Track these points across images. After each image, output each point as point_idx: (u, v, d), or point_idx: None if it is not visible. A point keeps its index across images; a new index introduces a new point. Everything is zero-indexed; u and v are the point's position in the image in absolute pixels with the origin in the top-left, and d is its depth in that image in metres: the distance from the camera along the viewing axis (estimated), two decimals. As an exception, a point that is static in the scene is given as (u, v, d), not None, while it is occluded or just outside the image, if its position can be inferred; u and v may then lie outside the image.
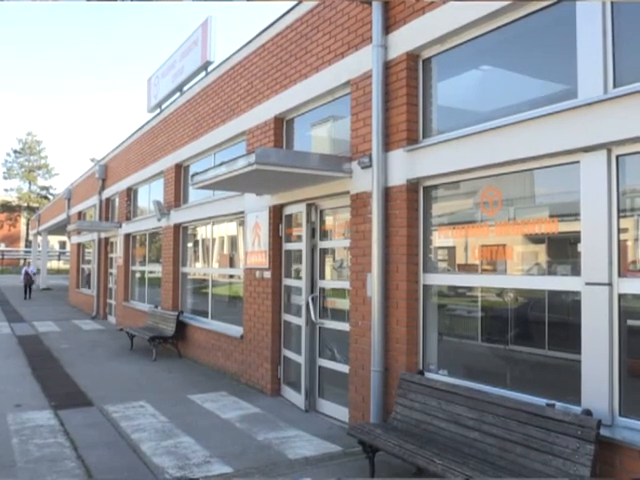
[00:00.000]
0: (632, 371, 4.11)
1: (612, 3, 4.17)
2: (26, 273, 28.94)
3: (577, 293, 4.33)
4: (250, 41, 9.03)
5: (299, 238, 7.90)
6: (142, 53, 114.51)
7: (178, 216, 12.25)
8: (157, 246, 14.50)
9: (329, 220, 7.65)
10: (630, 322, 4.12)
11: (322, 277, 7.53)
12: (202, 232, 12.01)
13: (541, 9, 4.67)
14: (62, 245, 60.82)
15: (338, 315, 7.22)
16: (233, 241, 10.91)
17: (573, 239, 4.51)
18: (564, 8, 4.49)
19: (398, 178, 5.87)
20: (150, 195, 14.74)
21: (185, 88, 12.50)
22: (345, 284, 6.92)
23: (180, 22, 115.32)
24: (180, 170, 12.48)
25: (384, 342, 5.95)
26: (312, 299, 7.45)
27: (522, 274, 5.04)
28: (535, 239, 4.93)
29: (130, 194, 16.44)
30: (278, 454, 5.82)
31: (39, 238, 37.94)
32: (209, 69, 11.28)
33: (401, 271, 5.82)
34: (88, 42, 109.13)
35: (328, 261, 7.65)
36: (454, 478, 4.06)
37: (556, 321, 4.85)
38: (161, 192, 13.40)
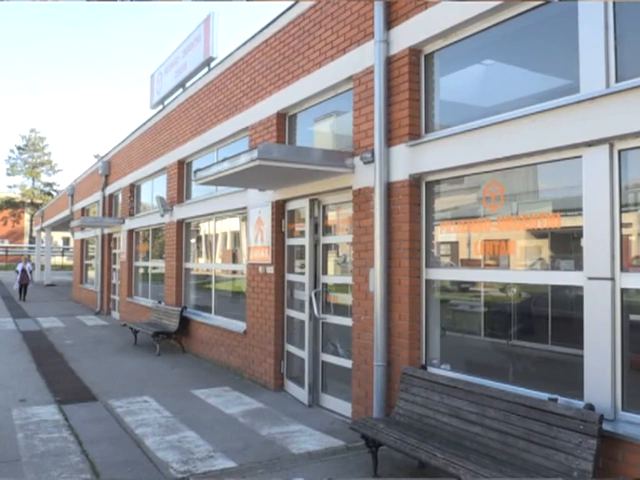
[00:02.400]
0: (634, 366, 4.12)
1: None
2: (23, 271, 24.41)
3: (580, 288, 4.33)
4: (253, 37, 9.03)
5: (302, 233, 7.91)
6: (145, 50, 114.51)
7: (181, 212, 12.27)
8: (160, 242, 14.53)
9: (332, 215, 7.66)
10: (633, 317, 4.12)
11: (325, 272, 7.54)
12: (205, 228, 12.03)
13: (543, 4, 4.66)
14: (66, 241, 60.95)
15: (341, 310, 7.23)
16: (236, 237, 10.92)
17: (576, 234, 4.50)
18: (566, 3, 4.48)
19: (400, 173, 5.87)
20: (153, 191, 14.76)
21: (188, 84, 12.50)
22: (348, 279, 6.93)
23: (183, 19, 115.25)
24: (183, 166, 12.49)
25: (387, 337, 5.96)
26: (315, 294, 7.46)
27: (525, 269, 5.04)
28: (538, 234, 4.94)
29: (133, 190, 16.46)
30: (281, 449, 5.85)
31: (43, 234, 38.01)
32: (212, 65, 11.28)
33: (403, 266, 5.83)
34: (91, 40, 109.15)
35: (331, 256, 7.66)
36: (455, 472, 4.08)
37: (559, 316, 4.85)
38: (164, 188, 13.41)
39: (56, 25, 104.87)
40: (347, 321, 6.86)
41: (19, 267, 25.05)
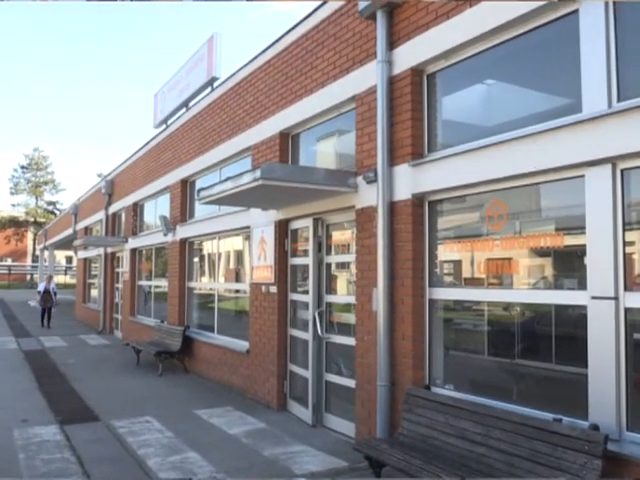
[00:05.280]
0: (639, 385, 4.09)
1: (615, 17, 4.20)
2: (46, 292, 20.84)
3: (584, 307, 4.32)
4: (256, 57, 9.12)
5: (305, 253, 7.91)
6: (149, 69, 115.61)
7: (184, 231, 12.30)
8: (163, 261, 14.54)
9: (336, 234, 7.67)
10: (637, 336, 4.10)
11: (329, 292, 7.53)
12: (208, 247, 12.05)
13: (545, 24, 4.70)
14: (69, 260, 61.00)
15: (344, 329, 7.21)
16: (239, 256, 10.93)
17: (579, 252, 4.50)
18: (568, 22, 4.52)
19: (403, 193, 5.89)
20: (156, 210, 14.80)
21: (191, 104, 12.61)
22: (351, 299, 6.91)
23: (188, 39, 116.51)
24: (186, 185, 12.54)
25: (390, 356, 5.94)
26: (319, 314, 7.44)
27: (528, 288, 5.03)
28: (541, 253, 4.93)
29: (136, 209, 16.52)
30: (284, 469, 5.80)
31: (46, 253, 38.08)
32: (215, 85, 11.38)
33: (407, 285, 5.82)
34: (94, 58, 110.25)
35: (337, 276, 7.65)
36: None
37: (563, 335, 4.83)
38: (167, 207, 13.46)
39: (59, 43, 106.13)
40: (351, 341, 6.84)
41: (41, 287, 21.67)
